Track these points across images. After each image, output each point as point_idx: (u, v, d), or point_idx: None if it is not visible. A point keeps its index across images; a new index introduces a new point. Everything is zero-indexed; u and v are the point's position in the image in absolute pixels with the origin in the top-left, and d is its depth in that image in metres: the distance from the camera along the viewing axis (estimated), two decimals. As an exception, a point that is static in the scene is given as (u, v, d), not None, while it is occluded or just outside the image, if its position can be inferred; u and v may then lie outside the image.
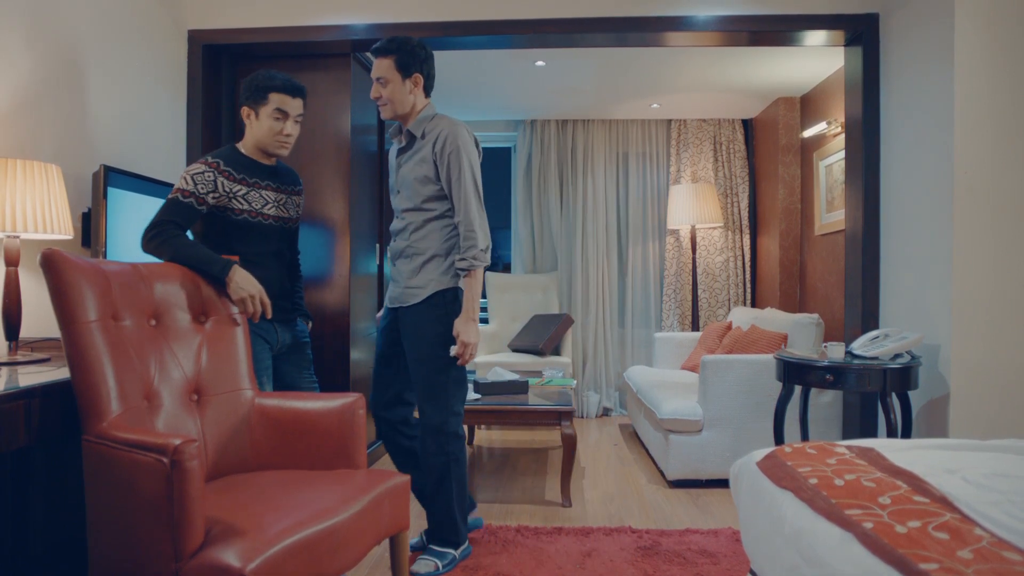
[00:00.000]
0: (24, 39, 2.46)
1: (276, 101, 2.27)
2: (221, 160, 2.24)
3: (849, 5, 3.34)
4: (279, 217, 2.38)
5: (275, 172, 2.40)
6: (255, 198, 2.31)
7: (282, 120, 2.29)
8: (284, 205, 2.40)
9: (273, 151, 2.33)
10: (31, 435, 1.66)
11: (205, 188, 2.19)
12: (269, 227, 2.36)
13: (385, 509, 1.83)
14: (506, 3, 3.43)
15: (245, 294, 2.11)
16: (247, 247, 2.30)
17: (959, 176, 2.75)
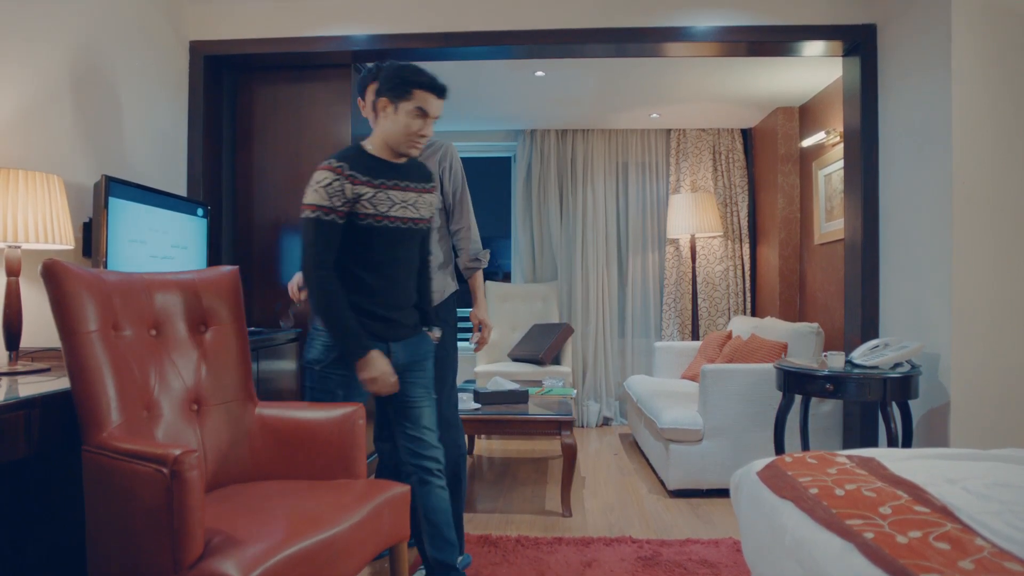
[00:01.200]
0: (27, 50, 2.47)
1: (419, 99, 2.10)
2: (346, 163, 2.07)
3: (847, 16, 3.36)
4: (407, 219, 2.17)
5: (404, 170, 2.20)
6: (381, 200, 2.11)
7: (421, 119, 2.12)
8: (414, 205, 2.19)
9: (404, 150, 2.16)
10: (31, 446, 1.66)
11: (339, 200, 2.04)
12: (396, 231, 2.15)
13: (385, 519, 1.82)
14: (506, 14, 3.45)
15: (368, 377, 2.05)
16: (371, 254, 2.13)
17: (958, 185, 2.76)
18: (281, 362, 3.31)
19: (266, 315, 3.71)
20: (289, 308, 3.56)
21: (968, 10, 2.76)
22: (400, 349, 2.18)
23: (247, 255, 3.73)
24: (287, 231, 3.73)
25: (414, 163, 2.23)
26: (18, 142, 2.42)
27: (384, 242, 2.12)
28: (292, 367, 3.43)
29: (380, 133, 2.16)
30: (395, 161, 2.17)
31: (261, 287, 3.72)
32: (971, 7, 2.75)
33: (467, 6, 3.46)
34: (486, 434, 4.77)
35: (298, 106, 3.72)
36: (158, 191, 2.81)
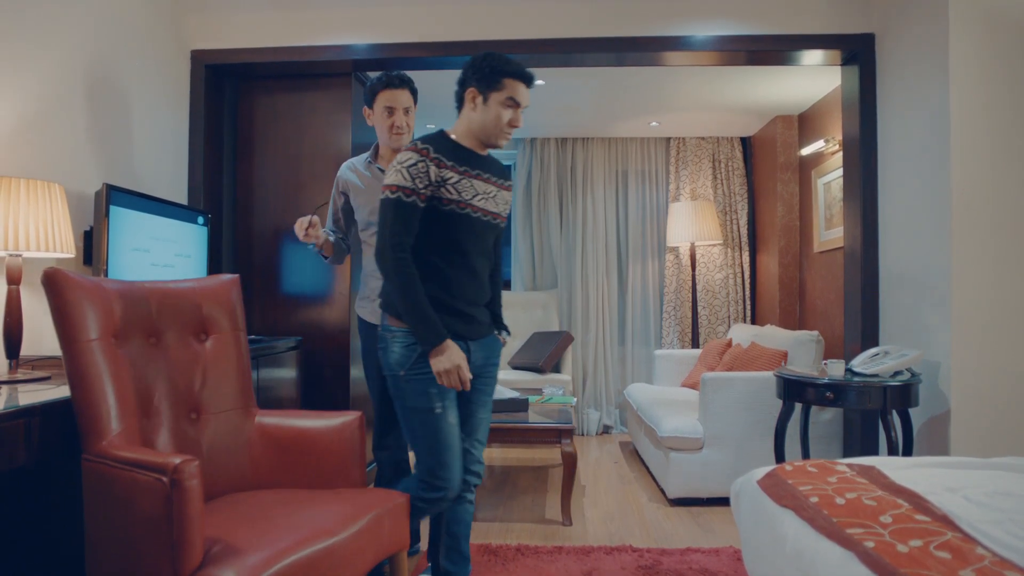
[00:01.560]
0: (29, 60, 2.48)
1: (510, 88, 2.04)
2: (431, 146, 1.99)
3: (845, 26, 3.38)
4: (488, 211, 2.10)
5: (487, 162, 2.14)
6: (466, 187, 2.03)
7: (512, 109, 2.06)
8: (494, 198, 2.12)
9: (494, 142, 2.10)
10: (31, 454, 1.66)
11: (422, 182, 1.95)
12: (478, 221, 2.07)
13: (385, 528, 1.82)
14: (505, 23, 3.47)
15: (443, 368, 1.93)
16: (452, 243, 2.04)
17: (956, 193, 2.77)
18: (281, 370, 3.31)
19: (266, 323, 3.71)
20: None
21: (966, 20, 2.77)
22: (477, 349, 2.11)
23: (247, 263, 3.73)
24: (287, 239, 3.73)
25: (493, 157, 2.17)
26: (20, 151, 2.42)
27: (466, 231, 2.03)
28: (292, 375, 3.43)
29: (466, 124, 2.09)
30: (479, 152, 2.11)
31: (261, 295, 3.72)
32: (969, 17, 2.77)
33: (467, 16, 3.48)
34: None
35: (298, 115, 3.73)
36: (159, 199, 2.82)
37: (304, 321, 3.69)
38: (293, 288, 3.72)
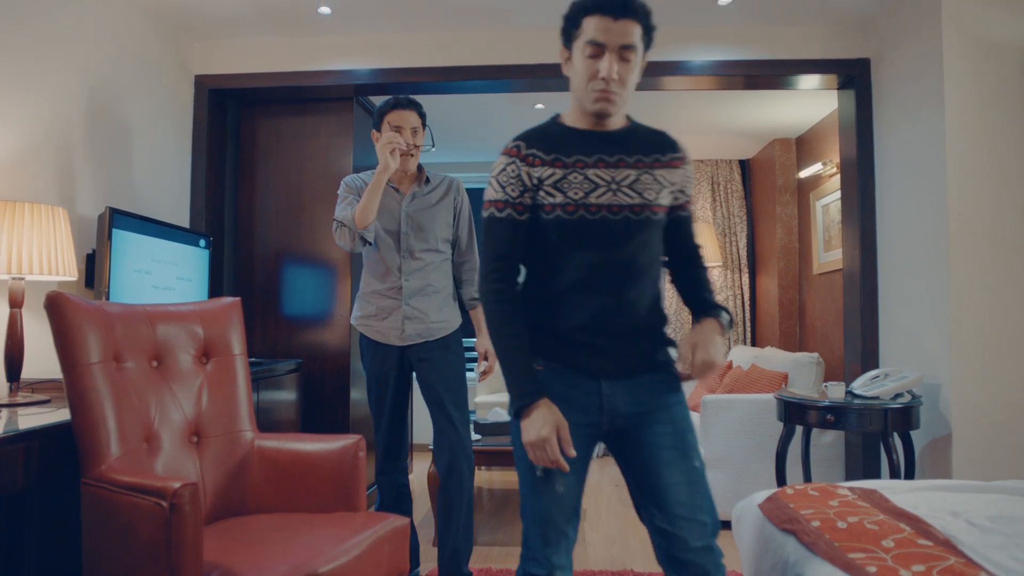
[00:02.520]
0: (33, 83, 2.51)
1: (591, 29, 1.51)
2: (523, 142, 1.57)
3: (841, 51, 3.42)
4: (619, 206, 1.51)
5: (619, 140, 1.57)
6: (575, 183, 1.52)
7: (598, 58, 1.49)
8: (631, 186, 1.52)
9: (591, 108, 1.54)
10: (30, 479, 1.65)
11: (515, 189, 1.54)
12: (602, 223, 1.51)
13: (385, 552, 1.81)
14: (505, 49, 3.51)
15: (527, 439, 1.44)
16: (563, 257, 1.54)
17: (953, 216, 2.79)
18: (281, 393, 3.31)
19: (267, 346, 3.71)
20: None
21: (959, 44, 2.81)
22: (620, 392, 1.52)
23: (248, 286, 3.74)
24: (288, 262, 3.75)
25: (640, 130, 1.60)
26: (24, 174, 2.45)
27: (584, 240, 1.52)
28: (292, 397, 3.42)
29: (572, 95, 1.62)
30: (600, 129, 1.56)
31: (262, 318, 3.73)
32: (961, 41, 2.81)
33: (468, 41, 3.53)
34: (486, 465, 4.73)
35: (300, 139, 3.77)
36: (161, 222, 2.84)
37: (305, 343, 3.69)
38: (294, 310, 3.73)
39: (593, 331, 1.51)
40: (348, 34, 3.55)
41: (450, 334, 2.58)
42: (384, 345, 2.53)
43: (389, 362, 2.54)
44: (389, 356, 2.54)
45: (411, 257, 2.53)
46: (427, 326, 2.53)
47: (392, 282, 2.53)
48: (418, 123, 2.54)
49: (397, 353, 2.53)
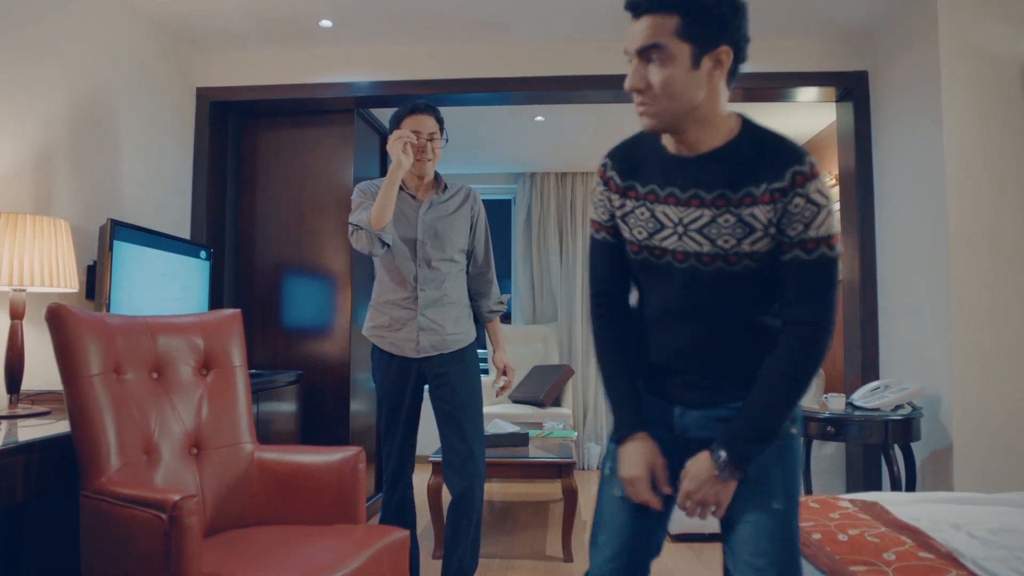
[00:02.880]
0: (35, 96, 2.53)
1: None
2: (610, 160, 1.39)
3: (839, 63, 3.44)
4: (686, 253, 1.27)
5: (702, 168, 1.26)
6: (641, 219, 1.31)
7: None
8: (703, 230, 1.24)
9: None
10: (29, 490, 1.65)
11: (603, 212, 1.40)
12: (665, 268, 1.31)
13: (384, 565, 1.80)
14: (506, 61, 3.53)
15: (621, 473, 1.37)
16: (643, 291, 1.41)
17: (953, 227, 2.79)
18: (281, 404, 3.30)
19: (267, 357, 3.71)
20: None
21: (956, 56, 2.82)
22: (692, 421, 1.36)
23: (248, 298, 3.75)
24: (289, 273, 3.75)
25: (741, 150, 1.25)
26: (26, 187, 2.45)
27: (651, 282, 1.35)
28: (293, 409, 3.42)
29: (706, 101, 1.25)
30: (685, 153, 1.27)
31: (263, 330, 3.73)
32: (959, 54, 2.82)
33: (468, 54, 3.55)
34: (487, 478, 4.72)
35: (301, 151, 3.78)
36: (161, 234, 2.84)
37: (305, 355, 3.69)
38: (294, 322, 3.73)
39: (668, 356, 1.35)
40: (349, 46, 3.58)
41: (466, 347, 2.51)
42: (399, 357, 2.44)
43: (404, 375, 2.44)
44: (404, 369, 2.45)
45: (427, 267, 2.44)
46: (442, 338, 2.45)
47: (407, 292, 2.44)
48: (436, 128, 2.45)
49: (413, 366, 2.45)
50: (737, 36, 1.22)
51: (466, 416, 2.42)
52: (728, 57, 1.22)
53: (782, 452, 1.28)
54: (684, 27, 1.17)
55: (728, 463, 1.23)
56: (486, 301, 2.60)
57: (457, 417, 2.41)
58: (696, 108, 1.21)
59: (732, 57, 1.22)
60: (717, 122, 1.24)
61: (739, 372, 1.30)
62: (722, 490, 1.25)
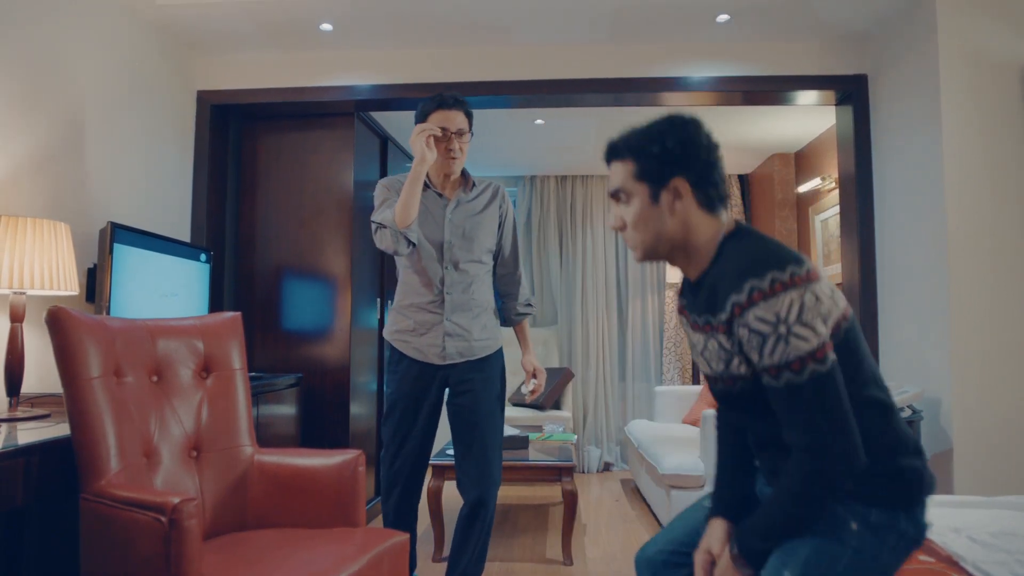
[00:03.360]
0: (36, 99, 2.53)
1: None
2: (681, 284, 1.50)
3: (838, 67, 3.45)
4: (708, 375, 1.38)
5: (696, 290, 1.37)
6: (691, 339, 1.44)
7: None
8: (703, 353, 1.36)
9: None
10: (29, 494, 1.65)
11: None
12: (712, 385, 1.40)
13: (384, 569, 1.80)
14: (506, 65, 3.54)
15: (700, 545, 1.39)
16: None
17: (952, 231, 2.80)
18: (281, 407, 3.30)
19: (267, 360, 3.71)
20: None
21: (955, 60, 2.83)
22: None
23: (248, 301, 3.75)
24: (289, 276, 3.75)
25: (715, 272, 1.30)
26: (28, 190, 2.46)
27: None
28: (292, 412, 3.41)
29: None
30: (693, 280, 1.38)
31: (263, 332, 3.73)
32: (958, 57, 2.83)
33: (468, 57, 3.55)
34: (486, 480, 4.72)
35: (301, 154, 3.79)
36: (162, 237, 2.85)
37: (305, 358, 3.69)
38: (294, 325, 3.73)
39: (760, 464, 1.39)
40: (349, 50, 3.58)
41: (492, 354, 2.41)
42: (420, 363, 2.33)
43: (426, 381, 2.33)
44: (426, 375, 2.33)
45: (455, 269, 2.33)
46: (469, 344, 2.35)
47: (433, 295, 2.32)
48: (465, 124, 2.31)
49: (436, 373, 2.33)
50: (694, 166, 1.29)
51: (487, 426, 2.33)
52: (685, 188, 1.29)
53: (823, 547, 1.21)
54: (638, 169, 1.31)
55: (737, 555, 1.26)
56: (514, 303, 2.51)
57: (479, 426, 2.32)
58: (673, 238, 1.31)
59: (691, 187, 1.29)
60: (701, 245, 1.32)
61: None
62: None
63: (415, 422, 2.32)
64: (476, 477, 2.31)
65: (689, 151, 1.29)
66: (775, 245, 1.24)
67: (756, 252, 1.22)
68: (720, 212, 1.32)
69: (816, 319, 1.16)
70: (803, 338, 1.15)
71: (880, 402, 1.24)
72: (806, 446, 1.15)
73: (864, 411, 1.20)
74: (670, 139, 1.29)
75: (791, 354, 1.15)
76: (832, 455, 1.14)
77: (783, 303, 1.16)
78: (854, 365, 1.22)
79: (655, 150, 1.30)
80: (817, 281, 1.19)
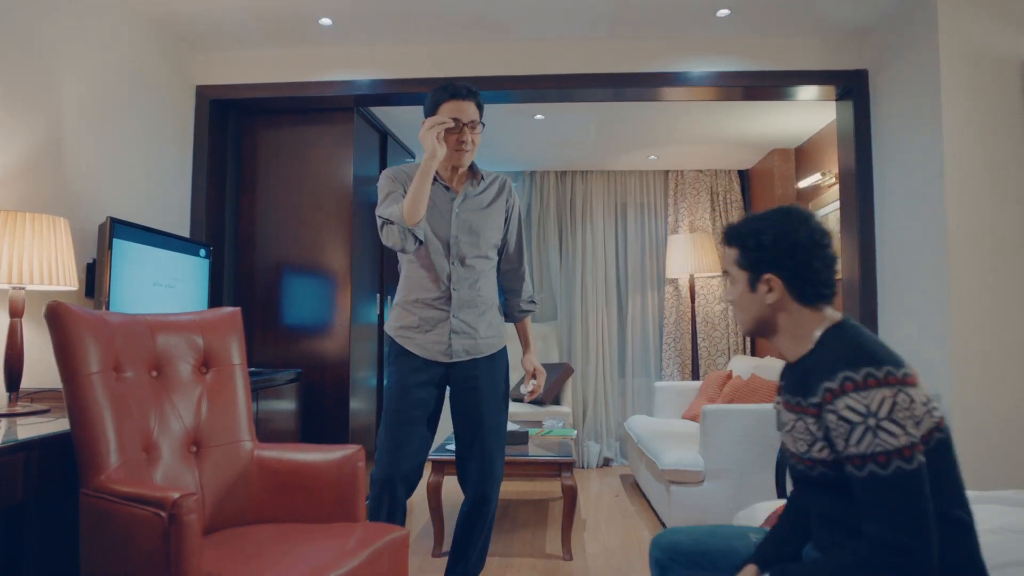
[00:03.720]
0: (35, 94, 2.52)
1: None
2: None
3: (839, 62, 3.44)
4: (788, 450, 1.44)
5: (792, 372, 1.43)
6: (777, 417, 1.51)
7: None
8: (791, 432, 1.39)
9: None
10: (29, 489, 1.65)
11: None
12: (791, 468, 1.45)
13: (384, 564, 1.80)
14: (506, 60, 3.53)
15: None
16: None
17: (952, 227, 2.79)
18: (281, 402, 3.30)
19: (267, 355, 3.71)
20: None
21: (956, 56, 2.82)
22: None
23: (248, 295, 3.75)
24: (288, 272, 3.75)
25: (814, 357, 1.35)
26: (27, 185, 2.45)
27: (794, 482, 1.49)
28: (292, 407, 3.42)
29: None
30: (789, 362, 1.44)
31: (262, 328, 3.73)
32: (959, 53, 2.82)
33: (468, 52, 3.55)
34: (486, 475, 4.72)
35: (301, 149, 3.78)
36: (161, 232, 2.84)
37: (304, 353, 3.69)
38: (293, 320, 3.73)
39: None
40: (349, 45, 3.57)
41: (498, 352, 2.37)
42: (423, 359, 2.27)
43: (429, 378, 2.27)
44: (430, 373, 2.27)
45: (461, 264, 2.26)
46: (475, 342, 2.30)
47: (439, 291, 2.26)
48: (476, 115, 2.22)
49: (439, 371, 2.28)
50: (787, 264, 1.35)
51: (492, 424, 2.30)
52: (776, 284, 1.37)
53: None
54: (739, 257, 1.41)
55: None
56: (517, 299, 2.45)
57: (483, 424, 2.28)
58: (770, 322, 1.41)
59: (783, 282, 1.36)
60: (801, 333, 1.39)
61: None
62: None
63: (414, 418, 2.25)
64: (479, 474, 2.28)
65: (783, 248, 1.35)
66: (877, 344, 1.28)
67: (856, 347, 1.27)
68: (819, 305, 1.37)
69: (908, 420, 1.18)
70: (892, 434, 1.17)
71: (962, 522, 1.24)
72: (884, 540, 1.16)
73: (944, 528, 1.20)
74: (768, 235, 1.36)
75: (878, 447, 1.17)
76: (908, 554, 1.14)
77: (875, 398, 1.19)
78: (943, 479, 1.23)
79: (751, 243, 1.38)
80: (913, 386, 1.21)
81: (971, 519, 1.26)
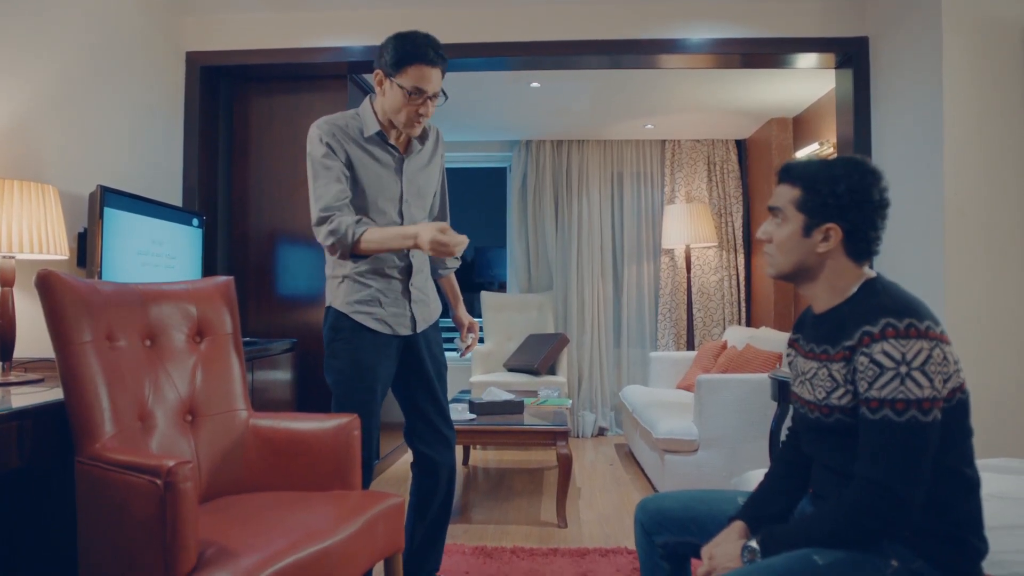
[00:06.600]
0: (22, 60, 2.48)
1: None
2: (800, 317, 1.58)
3: (839, 29, 3.39)
4: (804, 401, 1.43)
5: (818, 323, 1.43)
6: (793, 368, 1.52)
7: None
8: (812, 380, 1.40)
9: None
10: (24, 458, 1.65)
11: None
12: (802, 419, 1.47)
13: (380, 531, 1.82)
14: (502, 26, 3.47)
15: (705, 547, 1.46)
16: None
17: (949, 199, 2.78)
18: (276, 372, 3.30)
19: (261, 325, 3.70)
20: None
21: (959, 24, 2.78)
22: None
23: (242, 265, 3.73)
24: (282, 241, 3.73)
25: (844, 309, 1.36)
26: (14, 152, 2.42)
27: (799, 433, 1.51)
28: (287, 377, 3.42)
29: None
30: (819, 312, 1.43)
31: (256, 297, 3.72)
32: (961, 21, 2.78)
33: (463, 18, 3.48)
34: (481, 444, 4.76)
35: (294, 116, 3.73)
36: (153, 201, 2.81)
37: (299, 323, 3.69)
38: (288, 290, 3.71)
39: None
40: (342, 10, 3.51)
41: (439, 317, 2.31)
42: (382, 335, 2.12)
43: (389, 355, 2.15)
44: (389, 348, 2.14)
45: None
46: (429, 309, 2.22)
47: (399, 259, 2.12)
48: (440, 84, 2.04)
49: (399, 344, 2.17)
50: (853, 218, 1.34)
51: (441, 387, 2.27)
52: (836, 235, 1.34)
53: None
54: (802, 199, 1.36)
55: (753, 553, 1.32)
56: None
57: (435, 389, 2.25)
58: (811, 270, 1.38)
59: (844, 234, 1.34)
60: (839, 285, 1.38)
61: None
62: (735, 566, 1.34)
63: (375, 396, 2.13)
64: (443, 439, 2.26)
65: (855, 201, 1.33)
66: (919, 300, 1.30)
67: (900, 299, 1.29)
68: (864, 263, 1.38)
69: (937, 375, 1.20)
70: (919, 384, 1.19)
71: (969, 479, 1.28)
72: (874, 479, 1.20)
73: (951, 481, 1.25)
74: (842, 184, 1.33)
75: (900, 394, 1.20)
76: (894, 497, 1.18)
77: (912, 347, 1.21)
78: (956, 436, 1.27)
79: (823, 189, 1.34)
80: (949, 344, 1.24)
81: (978, 478, 1.29)
